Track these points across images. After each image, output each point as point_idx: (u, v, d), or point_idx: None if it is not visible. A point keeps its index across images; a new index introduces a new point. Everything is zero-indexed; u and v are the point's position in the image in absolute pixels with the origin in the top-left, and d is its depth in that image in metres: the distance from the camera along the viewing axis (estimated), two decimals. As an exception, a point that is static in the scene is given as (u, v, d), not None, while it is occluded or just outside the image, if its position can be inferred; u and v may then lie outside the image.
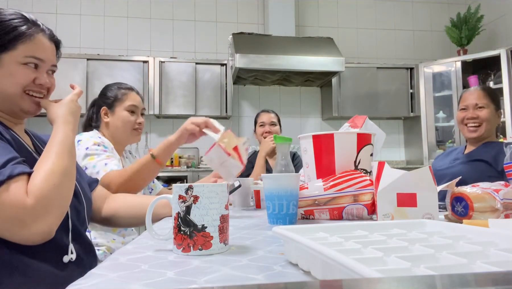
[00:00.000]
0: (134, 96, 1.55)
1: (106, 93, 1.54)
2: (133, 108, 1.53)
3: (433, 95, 4.00)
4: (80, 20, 3.97)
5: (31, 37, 0.86)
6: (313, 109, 4.34)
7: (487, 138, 1.79)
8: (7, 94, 0.85)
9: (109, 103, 1.52)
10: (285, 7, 4.05)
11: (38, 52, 0.87)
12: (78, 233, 0.88)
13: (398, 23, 4.57)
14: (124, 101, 1.52)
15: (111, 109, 1.52)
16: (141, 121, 1.55)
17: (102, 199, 1.09)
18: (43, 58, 0.88)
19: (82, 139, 1.37)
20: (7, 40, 0.83)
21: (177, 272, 0.47)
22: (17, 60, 0.84)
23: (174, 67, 3.76)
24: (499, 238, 0.44)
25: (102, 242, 1.34)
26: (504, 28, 4.12)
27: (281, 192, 0.82)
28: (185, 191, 0.58)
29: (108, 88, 1.56)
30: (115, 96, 1.52)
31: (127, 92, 1.54)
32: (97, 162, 1.31)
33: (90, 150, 1.33)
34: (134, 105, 1.53)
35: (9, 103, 0.87)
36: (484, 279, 0.26)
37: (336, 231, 0.52)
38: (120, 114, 1.51)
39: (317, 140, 1.02)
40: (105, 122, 1.52)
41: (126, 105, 1.52)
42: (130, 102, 1.52)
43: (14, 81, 0.85)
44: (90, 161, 1.30)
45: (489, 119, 1.74)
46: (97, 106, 1.56)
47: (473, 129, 1.76)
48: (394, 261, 0.36)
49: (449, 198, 0.82)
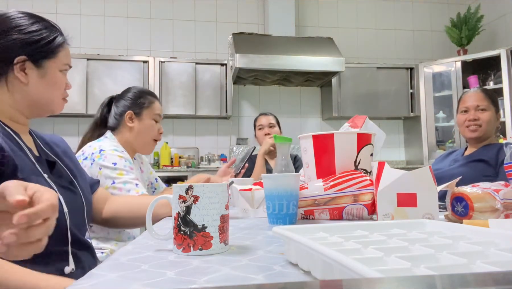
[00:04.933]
0: (159, 105, 1.55)
1: (135, 98, 1.51)
2: (158, 118, 1.53)
3: (433, 95, 4.00)
4: (80, 20, 3.97)
5: (65, 45, 0.92)
6: (313, 109, 4.34)
7: (487, 140, 1.79)
8: (50, 100, 0.89)
9: (138, 109, 1.49)
10: (285, 7, 4.05)
11: (69, 59, 0.94)
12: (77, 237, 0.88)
13: (398, 23, 4.57)
14: (152, 110, 1.51)
15: (138, 115, 1.49)
16: (162, 131, 1.55)
17: (103, 200, 1.09)
18: (71, 64, 0.95)
19: (106, 150, 1.34)
20: (52, 48, 0.88)
21: (177, 272, 0.47)
22: (58, 67, 0.90)
23: (174, 67, 3.76)
24: (499, 238, 0.44)
25: (105, 246, 1.34)
26: (504, 28, 4.12)
27: (281, 192, 0.82)
28: (185, 191, 0.58)
29: (136, 92, 1.53)
30: (144, 103, 1.50)
31: (154, 101, 1.53)
32: (127, 179, 1.31)
33: (119, 165, 1.33)
34: (159, 114, 1.53)
35: (43, 109, 0.89)
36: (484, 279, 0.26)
37: (336, 231, 0.52)
38: (147, 122, 1.49)
39: (317, 140, 1.02)
40: (129, 127, 1.48)
41: (153, 114, 1.51)
42: (158, 112, 1.53)
43: (58, 88, 0.90)
44: (120, 176, 1.31)
45: (490, 121, 1.75)
46: (119, 108, 1.50)
47: (474, 128, 1.76)
48: (394, 261, 0.36)
49: (449, 198, 0.82)
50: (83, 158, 1.33)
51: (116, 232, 1.36)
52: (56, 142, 1.00)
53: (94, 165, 1.31)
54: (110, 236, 1.35)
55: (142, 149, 1.53)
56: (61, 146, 1.01)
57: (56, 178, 0.87)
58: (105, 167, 1.31)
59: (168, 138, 3.98)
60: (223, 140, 4.15)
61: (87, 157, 1.33)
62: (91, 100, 3.55)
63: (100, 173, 1.30)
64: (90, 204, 0.99)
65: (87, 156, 1.33)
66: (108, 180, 1.30)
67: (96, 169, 1.30)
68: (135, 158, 1.58)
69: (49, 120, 3.77)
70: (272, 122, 2.48)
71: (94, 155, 1.32)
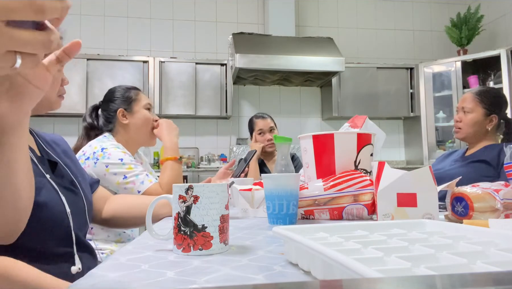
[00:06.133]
0: (145, 96, 1.56)
1: (119, 95, 1.52)
2: (149, 107, 1.54)
3: (433, 95, 4.00)
4: (80, 20, 3.97)
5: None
6: (313, 109, 4.34)
7: (486, 141, 1.78)
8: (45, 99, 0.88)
9: (127, 104, 1.50)
10: (285, 7, 4.05)
11: None
12: (79, 238, 0.88)
13: (398, 23, 4.57)
14: (140, 100, 1.52)
15: (129, 110, 1.49)
16: (156, 118, 1.55)
17: (103, 200, 1.09)
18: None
19: (108, 148, 1.34)
20: None
21: (177, 272, 0.47)
22: None
23: (174, 67, 3.76)
24: (499, 238, 0.44)
25: (105, 247, 1.33)
26: (504, 28, 4.12)
27: (281, 192, 0.82)
28: (185, 191, 0.58)
29: (117, 90, 1.54)
30: (131, 96, 1.51)
31: (138, 92, 1.54)
32: (138, 172, 1.33)
33: (126, 160, 1.34)
34: (149, 103, 1.54)
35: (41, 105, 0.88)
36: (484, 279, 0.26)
37: (336, 231, 0.52)
38: (140, 113, 1.50)
39: (317, 140, 1.02)
40: (124, 125, 1.48)
41: (144, 104, 1.51)
42: (146, 101, 1.53)
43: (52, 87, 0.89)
44: (130, 170, 1.32)
45: (473, 123, 1.78)
46: (108, 110, 1.51)
47: (456, 130, 1.85)
48: (394, 261, 0.36)
49: (449, 198, 0.82)
50: (84, 158, 1.33)
51: (116, 234, 1.36)
52: (57, 142, 1.00)
53: (99, 164, 1.31)
54: (110, 238, 1.34)
55: (144, 141, 1.53)
56: (62, 145, 1.01)
57: (58, 178, 0.87)
58: (112, 164, 1.31)
59: (168, 138, 3.97)
60: (223, 140, 4.15)
61: (89, 156, 1.33)
62: (91, 100, 3.54)
63: (108, 170, 1.30)
64: (91, 204, 0.99)
65: (89, 156, 1.33)
66: (119, 175, 1.30)
67: (102, 168, 1.30)
68: (135, 158, 1.58)
69: (49, 120, 3.77)
70: (272, 126, 2.38)
71: (97, 154, 1.32)
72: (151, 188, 1.32)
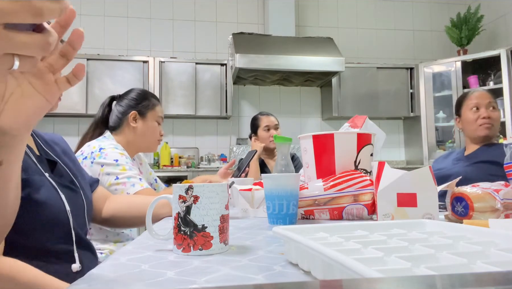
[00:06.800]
0: (161, 108, 1.58)
1: (138, 98, 1.52)
2: (161, 121, 1.55)
3: (433, 95, 4.00)
4: (80, 20, 3.96)
5: None
6: (313, 109, 4.34)
7: (491, 140, 1.79)
8: None
9: (143, 110, 1.50)
10: (285, 7, 4.05)
11: None
12: (79, 236, 0.88)
13: (398, 23, 4.57)
14: (156, 112, 1.53)
15: (143, 116, 1.50)
16: (162, 133, 1.57)
17: (102, 200, 1.09)
18: None
19: (106, 148, 1.34)
20: None
21: (177, 272, 0.47)
22: None
23: (174, 67, 3.76)
24: (499, 238, 0.44)
25: (104, 246, 1.33)
26: (504, 28, 4.12)
27: (281, 192, 0.82)
28: (185, 191, 0.58)
29: (139, 92, 1.54)
30: (149, 104, 1.51)
31: (157, 103, 1.55)
32: (131, 174, 1.32)
33: (121, 161, 1.33)
34: (162, 117, 1.56)
35: None
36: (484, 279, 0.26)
37: (336, 231, 0.52)
38: (151, 123, 1.51)
39: (317, 140, 1.02)
40: (132, 127, 1.48)
41: (157, 116, 1.53)
42: (161, 114, 1.55)
43: None
44: (123, 172, 1.32)
45: (499, 120, 1.78)
46: (122, 108, 1.50)
47: (488, 126, 1.74)
48: (394, 261, 0.36)
49: (449, 198, 0.82)
50: (82, 157, 1.33)
51: (114, 234, 1.35)
52: (56, 141, 1.00)
53: (95, 164, 1.31)
54: (108, 238, 1.34)
55: (146, 148, 1.54)
56: (61, 144, 1.01)
57: (57, 177, 0.87)
58: (107, 164, 1.31)
59: (168, 138, 3.98)
60: (223, 140, 4.15)
61: (86, 156, 1.33)
62: (91, 100, 3.55)
63: (102, 170, 1.30)
64: (91, 203, 0.99)
65: (86, 156, 1.33)
66: (111, 176, 1.30)
67: (98, 168, 1.30)
68: (134, 159, 1.58)
69: (49, 120, 3.77)
70: (277, 124, 2.43)
71: (94, 154, 1.32)
72: (141, 192, 1.30)
